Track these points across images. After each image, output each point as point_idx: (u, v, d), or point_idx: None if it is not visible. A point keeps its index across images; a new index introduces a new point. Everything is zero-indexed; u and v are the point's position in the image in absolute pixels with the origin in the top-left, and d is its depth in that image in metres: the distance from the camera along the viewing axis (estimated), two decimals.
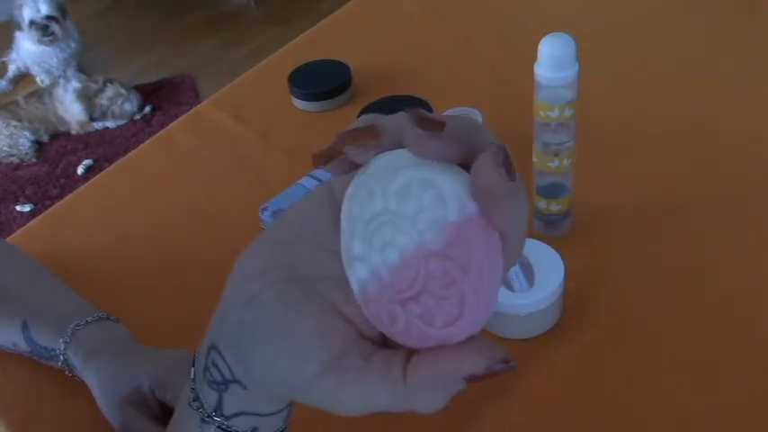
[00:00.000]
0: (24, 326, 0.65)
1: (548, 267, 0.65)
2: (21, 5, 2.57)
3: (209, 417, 0.36)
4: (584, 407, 0.61)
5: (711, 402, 0.60)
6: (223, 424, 0.35)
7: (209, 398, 0.35)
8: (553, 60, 0.63)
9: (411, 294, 0.28)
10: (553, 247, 0.66)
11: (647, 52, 0.99)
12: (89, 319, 0.65)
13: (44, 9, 2.57)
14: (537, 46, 0.64)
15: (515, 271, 0.65)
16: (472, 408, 0.61)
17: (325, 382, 0.30)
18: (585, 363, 0.64)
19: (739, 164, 0.80)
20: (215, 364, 0.34)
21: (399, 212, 0.28)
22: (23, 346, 0.66)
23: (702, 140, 0.84)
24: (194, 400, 0.36)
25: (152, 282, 0.78)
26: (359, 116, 0.85)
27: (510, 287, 0.64)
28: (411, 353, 0.30)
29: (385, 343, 0.32)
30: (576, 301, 0.67)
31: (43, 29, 2.59)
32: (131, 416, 0.59)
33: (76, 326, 0.64)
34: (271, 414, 0.36)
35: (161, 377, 0.60)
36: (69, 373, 0.65)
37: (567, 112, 0.66)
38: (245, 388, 0.34)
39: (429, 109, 0.87)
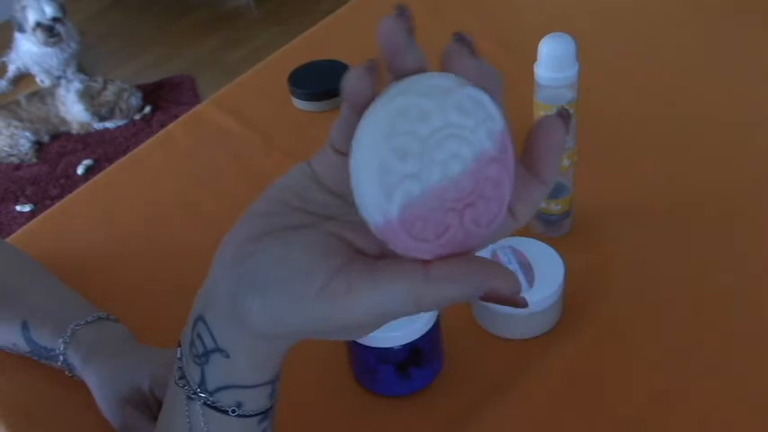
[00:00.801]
0: (24, 326, 0.65)
1: (548, 267, 0.65)
2: (24, 7, 2.56)
3: (194, 393, 0.36)
4: (584, 407, 0.61)
5: (711, 402, 0.60)
6: (208, 400, 0.36)
7: (194, 374, 0.36)
8: (553, 60, 0.63)
9: (469, 200, 0.31)
10: (553, 247, 0.66)
11: (647, 52, 0.99)
12: (89, 318, 0.65)
13: (49, 11, 2.57)
14: (537, 46, 0.64)
15: (515, 271, 0.65)
16: (472, 408, 0.61)
17: (331, 289, 0.30)
18: (585, 363, 0.64)
19: (740, 164, 0.80)
20: (199, 336, 0.35)
21: (462, 125, 0.30)
22: (23, 347, 0.66)
23: (703, 140, 0.84)
24: (180, 378, 0.37)
25: (152, 282, 0.78)
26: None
27: None
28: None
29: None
30: (576, 301, 0.67)
31: (49, 30, 2.59)
32: (131, 416, 0.59)
33: (76, 326, 0.64)
34: (254, 386, 0.36)
35: (161, 377, 0.60)
36: (69, 372, 0.65)
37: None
38: (228, 357, 0.34)
39: None
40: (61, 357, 0.63)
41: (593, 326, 0.66)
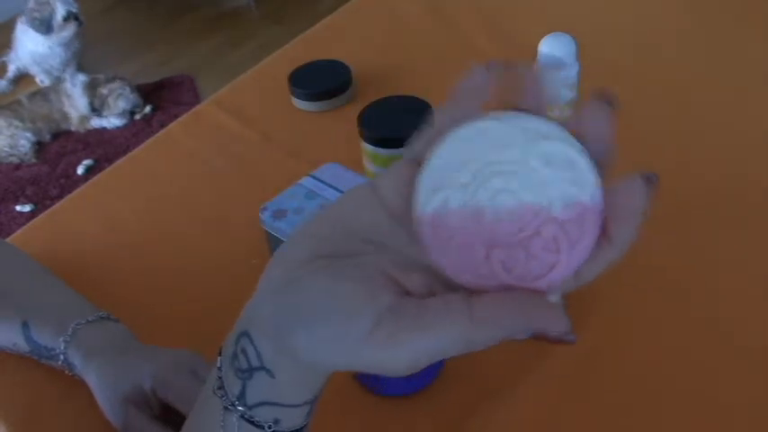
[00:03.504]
0: (25, 325, 0.65)
1: None
2: (47, 3, 2.57)
3: (231, 405, 0.36)
4: (584, 407, 0.61)
5: (711, 403, 0.60)
6: (246, 413, 0.36)
7: (234, 386, 0.36)
8: (553, 60, 0.64)
9: (505, 241, 0.31)
10: None
11: (648, 52, 0.99)
12: (90, 318, 0.65)
13: (72, 1, 2.60)
14: (537, 46, 0.64)
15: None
16: (472, 408, 0.61)
17: (381, 333, 0.30)
18: (585, 363, 0.64)
19: (740, 164, 0.80)
20: (243, 351, 0.35)
21: (537, 172, 0.30)
22: (23, 346, 0.66)
23: (703, 140, 0.84)
24: (219, 388, 0.36)
25: (152, 281, 0.78)
26: (359, 116, 0.85)
27: None
28: (469, 294, 0.31)
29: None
30: (576, 301, 0.67)
31: (77, 18, 2.61)
32: (132, 415, 0.59)
33: (77, 325, 0.64)
34: (294, 406, 0.36)
35: (162, 376, 0.60)
36: (69, 372, 0.65)
37: (567, 113, 0.66)
38: (272, 376, 0.34)
39: (429, 108, 0.87)
40: (62, 357, 0.63)
41: (593, 326, 0.66)
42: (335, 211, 0.34)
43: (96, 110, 2.46)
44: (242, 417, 0.36)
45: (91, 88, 2.44)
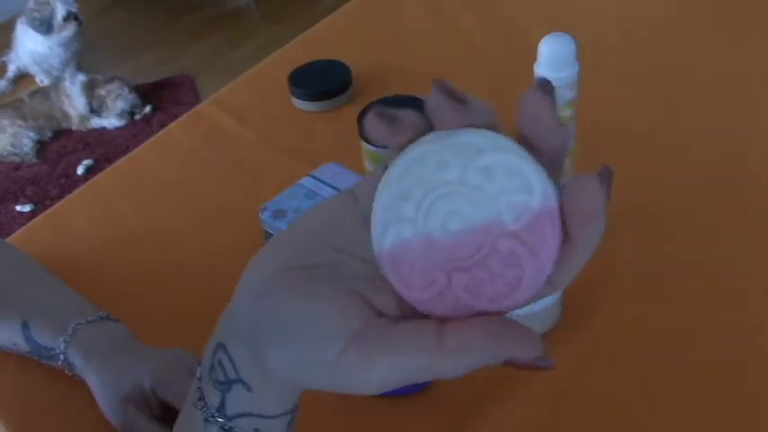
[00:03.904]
0: (25, 325, 0.65)
1: None
2: (47, 3, 2.57)
3: (212, 417, 0.36)
4: (584, 407, 0.61)
5: (711, 402, 0.60)
6: (226, 425, 0.35)
7: (213, 398, 0.35)
8: (553, 60, 0.64)
9: (463, 265, 0.30)
10: None
11: (647, 52, 0.99)
12: (90, 318, 0.65)
13: (72, 1, 2.60)
14: (537, 46, 0.64)
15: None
16: (472, 408, 0.62)
17: (350, 358, 0.30)
18: (585, 363, 0.64)
19: (740, 164, 0.80)
20: (220, 364, 0.34)
21: (480, 188, 0.29)
22: (23, 346, 0.66)
23: (703, 140, 0.84)
24: (199, 400, 0.36)
25: (152, 282, 0.78)
26: (359, 116, 0.85)
27: None
28: (442, 321, 0.30)
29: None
30: (576, 301, 0.67)
31: (76, 18, 2.62)
32: (132, 415, 0.59)
33: (77, 325, 0.64)
34: (274, 417, 0.36)
35: (162, 376, 0.60)
36: (69, 371, 0.65)
37: (567, 112, 0.66)
38: (249, 389, 0.34)
39: None
40: (62, 356, 0.63)
41: (593, 326, 0.66)
42: (314, 219, 0.33)
43: (95, 111, 2.46)
44: (222, 428, 0.35)
45: (89, 89, 2.44)
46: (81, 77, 2.45)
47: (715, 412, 0.59)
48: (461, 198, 0.29)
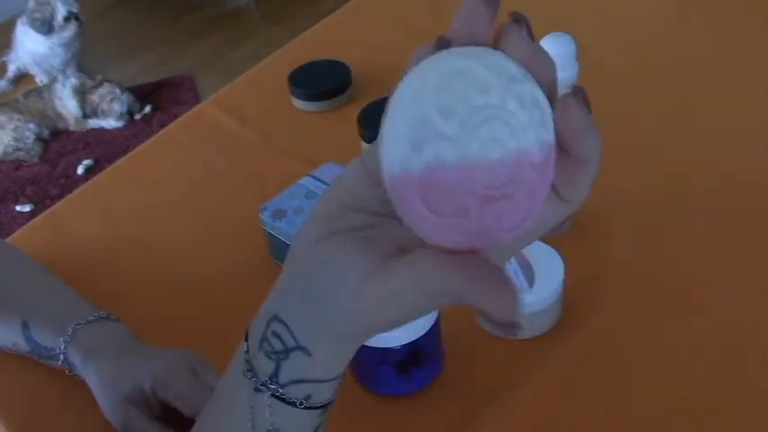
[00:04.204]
0: (25, 325, 0.65)
1: (548, 267, 0.65)
2: (47, 3, 2.57)
3: (263, 384, 0.36)
4: (584, 407, 0.61)
5: (711, 402, 0.60)
6: (277, 391, 0.36)
7: (265, 367, 0.36)
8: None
9: (496, 193, 0.29)
10: (553, 247, 0.66)
11: (647, 52, 0.99)
12: (90, 318, 0.65)
13: (73, 1, 2.60)
14: None
15: (515, 270, 0.65)
16: (472, 408, 0.61)
17: (368, 288, 0.31)
18: (585, 363, 0.64)
19: (739, 164, 0.80)
20: (275, 334, 0.36)
21: (515, 117, 0.28)
22: (23, 346, 0.66)
23: (702, 140, 0.84)
24: (248, 371, 0.37)
25: (152, 281, 0.78)
26: (359, 116, 0.85)
27: None
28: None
29: None
30: (576, 301, 0.67)
31: (77, 18, 2.62)
32: (132, 415, 0.59)
33: (77, 325, 0.64)
34: (326, 381, 0.37)
35: (162, 376, 0.60)
36: (69, 372, 0.65)
37: None
38: (309, 354, 0.35)
39: None
40: (62, 356, 0.63)
41: (593, 326, 0.66)
42: (336, 191, 0.35)
43: (88, 116, 2.46)
44: (273, 395, 0.36)
45: (80, 93, 2.44)
46: (72, 80, 2.45)
47: (715, 412, 0.59)
48: (501, 124, 0.28)
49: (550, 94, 0.30)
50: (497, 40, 0.30)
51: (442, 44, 0.30)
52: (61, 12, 2.58)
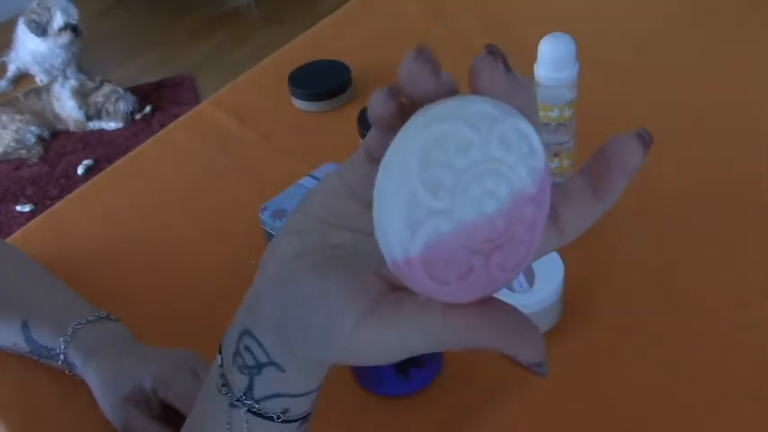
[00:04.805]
0: (25, 325, 0.65)
1: (548, 267, 0.65)
2: (48, 9, 2.57)
3: (238, 400, 0.36)
4: (584, 407, 0.61)
5: (711, 402, 0.60)
6: (253, 407, 0.36)
7: (239, 382, 0.36)
8: (553, 60, 0.64)
9: (498, 242, 0.28)
10: None
11: (647, 52, 0.99)
12: (90, 318, 0.65)
13: (74, 12, 2.60)
14: (537, 46, 0.64)
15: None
16: (472, 408, 0.61)
17: (364, 332, 0.30)
18: (585, 363, 0.64)
19: (739, 164, 0.80)
20: (248, 349, 0.35)
21: (502, 161, 0.28)
22: (23, 346, 0.66)
23: (702, 141, 0.84)
24: (223, 386, 0.37)
25: (152, 281, 0.78)
26: (359, 116, 0.85)
27: (510, 287, 0.64)
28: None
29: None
30: (576, 301, 0.67)
31: (74, 30, 2.62)
32: (133, 415, 0.59)
33: (77, 325, 0.64)
34: (302, 395, 0.36)
35: (163, 376, 0.60)
36: (69, 372, 0.65)
37: (567, 113, 0.66)
38: (282, 370, 0.34)
39: None
40: (62, 356, 0.63)
41: (593, 326, 0.66)
42: (311, 205, 0.34)
43: (91, 118, 2.45)
44: (249, 411, 0.36)
45: (81, 95, 2.43)
46: (71, 82, 2.44)
47: (715, 412, 0.59)
48: (491, 176, 0.28)
49: (532, 121, 0.29)
50: (472, 76, 0.29)
51: (392, 92, 0.30)
52: (58, 21, 2.58)
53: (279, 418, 0.36)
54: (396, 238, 0.27)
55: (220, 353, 0.37)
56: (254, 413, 0.36)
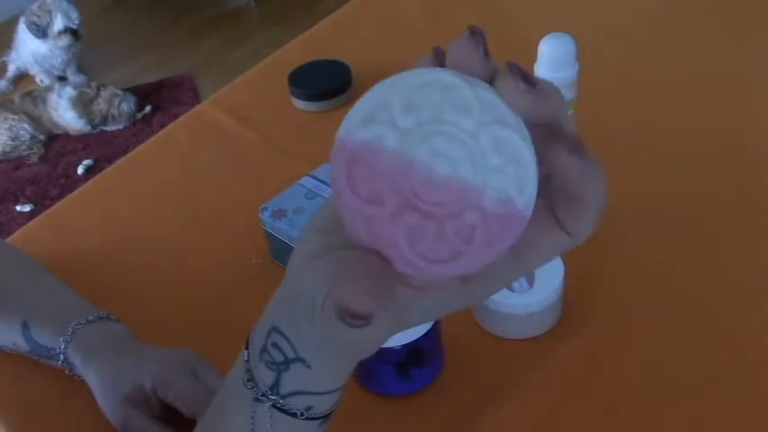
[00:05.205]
0: (25, 325, 0.65)
1: (548, 267, 0.65)
2: (49, 12, 2.57)
3: (263, 395, 0.36)
4: (584, 407, 0.61)
5: (711, 402, 0.60)
6: (278, 402, 0.36)
7: (265, 377, 0.36)
8: (553, 60, 0.64)
9: (423, 208, 0.27)
10: None
11: (647, 52, 0.99)
12: (90, 318, 0.65)
13: (75, 15, 2.60)
14: (537, 46, 0.64)
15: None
16: (472, 408, 0.62)
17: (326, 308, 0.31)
18: (585, 363, 0.64)
19: (740, 164, 0.80)
20: (276, 345, 0.35)
21: (484, 153, 0.27)
22: (23, 346, 0.66)
23: (702, 140, 0.84)
24: (249, 380, 0.37)
25: (152, 281, 0.78)
26: None
27: (510, 287, 0.64)
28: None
29: None
30: (576, 301, 0.67)
31: (74, 33, 2.61)
32: (132, 415, 0.59)
33: (77, 325, 0.64)
34: (327, 393, 0.37)
35: (163, 376, 0.60)
36: (69, 372, 0.65)
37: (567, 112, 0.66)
38: (308, 366, 0.35)
39: None
40: (62, 356, 0.63)
41: (593, 326, 0.66)
42: (331, 206, 0.34)
43: (98, 125, 2.45)
44: (274, 406, 0.36)
45: (81, 105, 2.42)
46: (68, 91, 2.42)
47: (715, 412, 0.59)
48: (464, 150, 0.27)
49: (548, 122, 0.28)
50: (449, 56, 0.29)
51: (439, 54, 0.30)
52: (58, 24, 2.58)
53: (302, 414, 0.37)
54: (351, 119, 0.28)
55: (247, 348, 0.37)
56: (278, 408, 0.36)
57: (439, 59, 0.30)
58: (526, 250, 0.30)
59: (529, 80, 0.28)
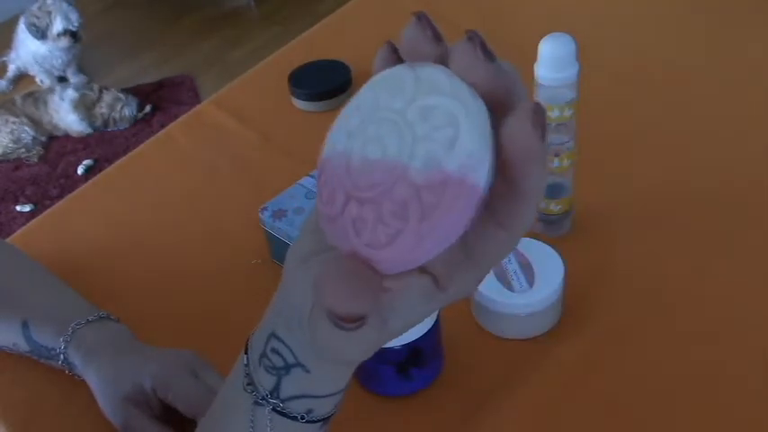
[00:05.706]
0: (25, 325, 0.65)
1: (548, 267, 0.65)
2: (48, 14, 2.57)
3: (263, 399, 0.36)
4: (584, 407, 0.61)
5: (711, 402, 0.60)
6: (278, 406, 0.36)
7: (265, 382, 0.36)
8: (553, 60, 0.63)
9: (361, 195, 0.27)
10: (553, 247, 0.66)
11: (647, 52, 0.99)
12: (90, 318, 0.65)
13: (74, 17, 2.60)
14: (537, 46, 0.64)
15: (515, 271, 0.65)
16: (472, 408, 0.62)
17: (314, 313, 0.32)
18: (585, 363, 0.64)
19: (740, 164, 0.80)
20: (275, 351, 0.35)
21: (411, 125, 0.26)
22: (24, 346, 0.66)
23: (702, 140, 0.84)
24: (248, 384, 0.37)
25: (152, 281, 0.78)
26: None
27: (510, 287, 0.64)
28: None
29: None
30: (576, 301, 0.67)
31: (73, 35, 2.61)
32: (133, 415, 0.59)
33: (77, 325, 0.64)
34: (327, 396, 0.37)
35: (163, 377, 0.60)
36: (69, 372, 0.65)
37: (567, 112, 0.66)
38: (307, 371, 0.35)
39: None
40: (62, 356, 0.63)
41: (593, 326, 0.66)
42: None
43: (99, 128, 2.44)
44: (274, 410, 0.36)
45: (83, 108, 2.42)
46: (70, 93, 2.42)
47: (715, 412, 0.59)
48: (392, 128, 0.27)
49: (502, 97, 0.27)
50: (447, 60, 0.28)
51: (391, 47, 0.30)
52: (58, 26, 2.58)
53: (303, 418, 0.37)
54: (329, 137, 0.30)
55: (246, 352, 0.37)
56: (278, 412, 0.36)
57: (393, 51, 0.30)
58: (475, 247, 0.29)
59: (486, 50, 0.27)
